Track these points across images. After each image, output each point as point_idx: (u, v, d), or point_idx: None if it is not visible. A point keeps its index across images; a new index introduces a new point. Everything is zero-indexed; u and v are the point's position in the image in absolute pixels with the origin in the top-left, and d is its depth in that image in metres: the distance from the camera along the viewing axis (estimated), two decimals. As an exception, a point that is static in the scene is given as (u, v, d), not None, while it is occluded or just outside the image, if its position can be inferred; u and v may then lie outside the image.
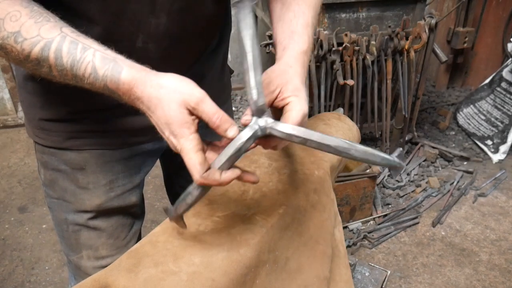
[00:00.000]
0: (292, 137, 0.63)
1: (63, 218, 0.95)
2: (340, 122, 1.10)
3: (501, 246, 2.16)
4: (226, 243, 0.73)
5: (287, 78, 0.71)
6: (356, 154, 0.62)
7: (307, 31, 0.79)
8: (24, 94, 0.89)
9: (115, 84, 0.61)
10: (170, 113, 0.60)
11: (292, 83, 0.70)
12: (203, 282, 0.66)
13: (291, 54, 0.76)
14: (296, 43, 0.77)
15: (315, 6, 0.83)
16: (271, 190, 0.86)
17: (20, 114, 3.22)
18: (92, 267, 0.98)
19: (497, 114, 2.87)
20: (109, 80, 0.61)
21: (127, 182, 0.96)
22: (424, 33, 2.23)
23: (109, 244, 0.97)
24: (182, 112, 0.60)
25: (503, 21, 3.30)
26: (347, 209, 2.22)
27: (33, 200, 2.48)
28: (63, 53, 0.61)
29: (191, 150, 0.60)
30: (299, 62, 0.75)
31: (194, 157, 0.60)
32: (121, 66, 0.61)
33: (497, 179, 2.63)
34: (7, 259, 2.09)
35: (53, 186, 0.94)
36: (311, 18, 0.81)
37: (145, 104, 0.62)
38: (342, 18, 2.19)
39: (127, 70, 0.61)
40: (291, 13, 0.80)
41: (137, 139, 0.92)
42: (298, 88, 0.70)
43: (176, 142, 0.61)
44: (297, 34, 0.78)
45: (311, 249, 0.85)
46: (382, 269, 1.13)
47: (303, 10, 0.80)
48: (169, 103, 0.60)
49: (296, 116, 0.66)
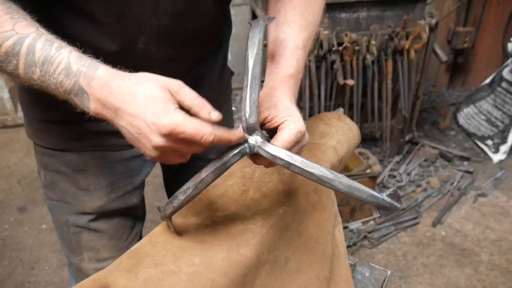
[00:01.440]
0: (276, 159, 0.62)
1: (63, 220, 0.95)
2: (340, 122, 1.10)
3: (502, 246, 2.16)
4: (226, 243, 0.73)
5: (275, 100, 0.70)
6: (340, 187, 0.60)
7: (296, 54, 0.78)
8: (23, 95, 0.88)
9: (88, 79, 0.59)
10: (153, 94, 0.57)
11: (281, 103, 0.70)
12: (203, 282, 0.66)
13: (275, 79, 0.76)
14: (281, 67, 0.76)
15: (308, 27, 0.81)
16: (271, 190, 0.86)
17: (19, 114, 3.22)
18: (93, 269, 0.97)
19: (498, 114, 2.87)
20: (82, 75, 0.59)
21: (128, 184, 0.95)
22: (424, 33, 2.23)
23: (110, 245, 0.97)
24: (165, 91, 0.58)
25: (503, 21, 3.29)
26: (347, 209, 2.22)
27: (32, 200, 2.48)
28: (37, 49, 0.59)
29: (185, 118, 0.56)
30: (285, 85, 0.75)
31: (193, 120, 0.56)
32: (98, 64, 0.60)
33: (498, 179, 2.62)
34: (6, 259, 2.09)
35: (53, 188, 0.94)
36: (301, 41, 0.79)
37: (120, 98, 0.58)
38: (342, 18, 2.19)
39: (104, 68, 0.60)
40: (282, 35, 0.79)
41: None
42: (289, 108, 0.69)
43: (165, 120, 0.56)
44: (284, 58, 0.77)
45: (311, 249, 0.85)
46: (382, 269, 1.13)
47: (294, 33, 0.79)
48: (150, 86, 0.58)
49: (288, 135, 0.65)
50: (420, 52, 2.39)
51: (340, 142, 1.02)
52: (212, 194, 0.85)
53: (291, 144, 0.65)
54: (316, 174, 0.60)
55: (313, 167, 0.60)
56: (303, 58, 0.79)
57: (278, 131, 0.67)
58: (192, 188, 0.65)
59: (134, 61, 0.78)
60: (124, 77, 0.59)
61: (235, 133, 0.61)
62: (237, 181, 0.87)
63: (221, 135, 0.58)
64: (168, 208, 0.69)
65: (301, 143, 0.68)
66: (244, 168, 0.91)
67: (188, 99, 0.59)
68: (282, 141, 0.64)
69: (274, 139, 0.65)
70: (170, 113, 0.56)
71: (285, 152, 0.62)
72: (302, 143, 0.69)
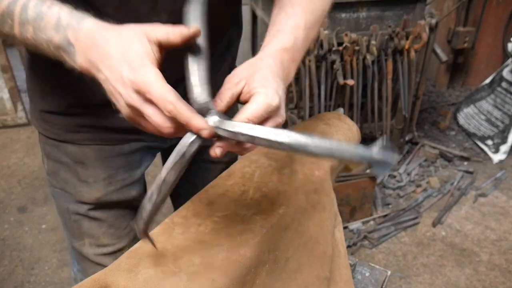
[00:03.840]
0: (237, 135, 0.53)
1: (65, 207, 0.97)
2: (340, 122, 1.10)
3: (502, 246, 2.16)
4: (226, 243, 0.73)
5: (254, 70, 0.63)
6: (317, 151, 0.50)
7: (296, 31, 0.71)
8: (29, 82, 0.90)
9: (75, 31, 0.57)
10: (130, 46, 0.54)
11: (260, 73, 0.62)
12: (203, 282, 0.66)
13: (267, 50, 0.68)
14: (277, 41, 0.69)
15: (313, 11, 0.76)
16: (271, 190, 0.86)
17: (19, 114, 3.22)
18: (94, 254, 0.99)
19: (498, 114, 2.87)
20: (71, 28, 0.58)
21: (127, 177, 0.96)
22: (424, 33, 2.23)
23: (110, 233, 0.98)
24: (143, 42, 0.55)
25: (503, 21, 3.29)
26: (347, 209, 2.21)
27: (32, 200, 2.48)
28: (29, 6, 0.59)
29: (157, 80, 0.52)
30: (276, 57, 0.67)
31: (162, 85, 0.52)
32: (87, 18, 0.59)
33: (498, 179, 2.62)
34: (6, 259, 2.09)
35: (55, 176, 0.95)
36: (303, 22, 0.73)
37: (101, 51, 0.55)
38: (342, 18, 2.19)
39: (92, 20, 0.58)
40: (283, 14, 0.74)
41: (136, 136, 0.92)
42: (266, 79, 0.61)
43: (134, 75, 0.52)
44: (281, 32, 0.71)
45: (311, 249, 0.85)
46: (383, 269, 1.13)
47: (295, 12, 0.73)
48: (129, 35, 0.55)
49: (255, 109, 0.57)
50: (420, 52, 2.39)
51: (340, 142, 1.02)
52: (212, 194, 0.85)
53: (258, 119, 0.57)
54: (286, 143, 0.51)
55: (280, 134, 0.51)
56: (305, 39, 0.72)
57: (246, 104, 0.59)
58: (156, 193, 0.58)
59: None
60: (109, 28, 0.57)
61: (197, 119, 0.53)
62: (237, 181, 0.87)
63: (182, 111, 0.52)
64: (139, 222, 0.61)
65: (274, 119, 0.60)
66: (244, 168, 0.91)
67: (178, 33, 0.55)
68: (246, 116, 0.56)
69: (237, 115, 0.57)
70: (145, 68, 0.53)
71: (246, 125, 0.53)
72: (275, 120, 0.60)
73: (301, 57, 0.73)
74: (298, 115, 2.47)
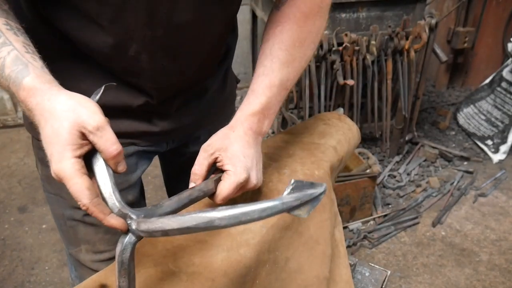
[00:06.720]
0: (153, 234, 0.55)
1: (60, 213, 0.95)
2: (340, 122, 1.10)
3: (501, 246, 2.16)
4: (225, 243, 0.73)
5: (227, 144, 0.71)
6: (223, 223, 0.49)
7: (269, 91, 0.76)
8: None
9: (16, 88, 0.58)
10: (58, 131, 0.54)
11: (231, 149, 0.71)
12: (203, 282, 0.66)
13: (238, 116, 0.76)
14: (248, 105, 0.76)
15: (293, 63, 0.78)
16: (271, 190, 0.86)
17: (19, 114, 3.22)
18: (91, 260, 0.97)
19: (497, 114, 2.87)
20: (12, 82, 0.58)
21: (123, 181, 0.95)
22: (424, 33, 2.24)
23: (107, 239, 0.97)
24: (71, 133, 0.54)
25: (503, 21, 3.29)
26: (347, 209, 2.22)
27: (33, 200, 2.48)
28: None
29: (74, 174, 0.54)
30: (245, 124, 0.74)
31: (79, 181, 0.54)
32: (28, 72, 0.58)
33: (497, 179, 2.63)
34: (7, 259, 2.09)
35: (50, 181, 0.94)
36: (279, 79, 0.76)
37: (37, 118, 0.57)
38: (342, 18, 2.19)
39: (32, 78, 0.57)
40: (261, 69, 0.77)
41: (131, 140, 0.91)
42: (236, 155, 0.70)
43: (55, 167, 0.54)
44: (255, 93, 0.76)
45: (311, 249, 0.85)
46: (382, 269, 1.13)
47: (273, 69, 0.76)
48: (61, 120, 0.55)
49: (227, 188, 0.68)
50: (420, 52, 2.39)
51: (340, 142, 1.02)
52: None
53: (231, 195, 0.69)
54: (193, 226, 0.50)
55: (186, 221, 0.51)
56: (280, 94, 0.78)
57: (220, 181, 0.70)
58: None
59: (123, 66, 0.78)
60: (45, 94, 0.57)
61: (112, 219, 0.56)
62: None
63: (97, 213, 0.55)
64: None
65: (246, 187, 0.72)
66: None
67: (103, 142, 0.56)
68: (222, 196, 0.69)
69: (215, 195, 0.69)
70: (63, 161, 0.54)
71: (158, 223, 0.54)
72: (246, 188, 0.72)
73: (277, 109, 0.79)
74: (298, 115, 2.47)
